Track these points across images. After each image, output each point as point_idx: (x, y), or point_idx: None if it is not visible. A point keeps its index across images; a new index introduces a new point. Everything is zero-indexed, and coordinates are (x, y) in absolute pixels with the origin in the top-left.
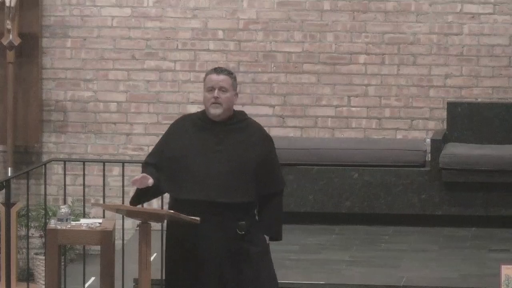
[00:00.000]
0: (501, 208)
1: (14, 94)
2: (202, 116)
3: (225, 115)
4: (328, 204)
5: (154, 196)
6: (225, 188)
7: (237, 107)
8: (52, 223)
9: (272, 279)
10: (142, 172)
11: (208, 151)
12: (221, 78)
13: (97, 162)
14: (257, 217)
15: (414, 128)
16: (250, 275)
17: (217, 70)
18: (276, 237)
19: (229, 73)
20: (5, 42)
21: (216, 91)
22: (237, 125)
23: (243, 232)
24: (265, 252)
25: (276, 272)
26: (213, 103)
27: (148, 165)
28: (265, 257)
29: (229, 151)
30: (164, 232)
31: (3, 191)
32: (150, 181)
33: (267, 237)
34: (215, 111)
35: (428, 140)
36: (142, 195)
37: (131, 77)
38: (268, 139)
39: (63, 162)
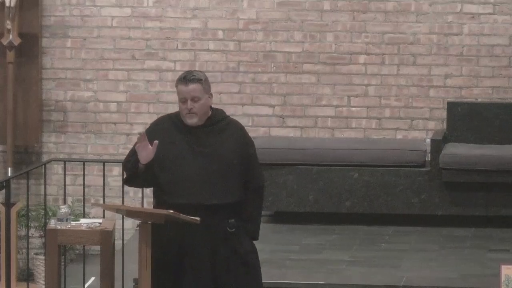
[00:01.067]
0: (501, 208)
1: (14, 94)
2: (181, 118)
3: (202, 121)
4: (328, 204)
5: (147, 179)
6: (215, 190)
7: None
8: (52, 223)
9: (260, 279)
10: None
11: (192, 153)
12: (191, 88)
13: (97, 162)
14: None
15: (414, 128)
16: (241, 274)
17: (186, 80)
18: (253, 236)
19: (198, 79)
20: (5, 42)
21: (188, 102)
22: (217, 125)
23: (233, 230)
24: (254, 251)
25: (276, 272)
26: (187, 113)
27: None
28: (254, 255)
29: (213, 153)
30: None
31: (3, 191)
32: (150, 147)
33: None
34: (192, 120)
35: (428, 140)
36: (138, 174)
37: (131, 77)
38: (248, 137)
39: (63, 162)
